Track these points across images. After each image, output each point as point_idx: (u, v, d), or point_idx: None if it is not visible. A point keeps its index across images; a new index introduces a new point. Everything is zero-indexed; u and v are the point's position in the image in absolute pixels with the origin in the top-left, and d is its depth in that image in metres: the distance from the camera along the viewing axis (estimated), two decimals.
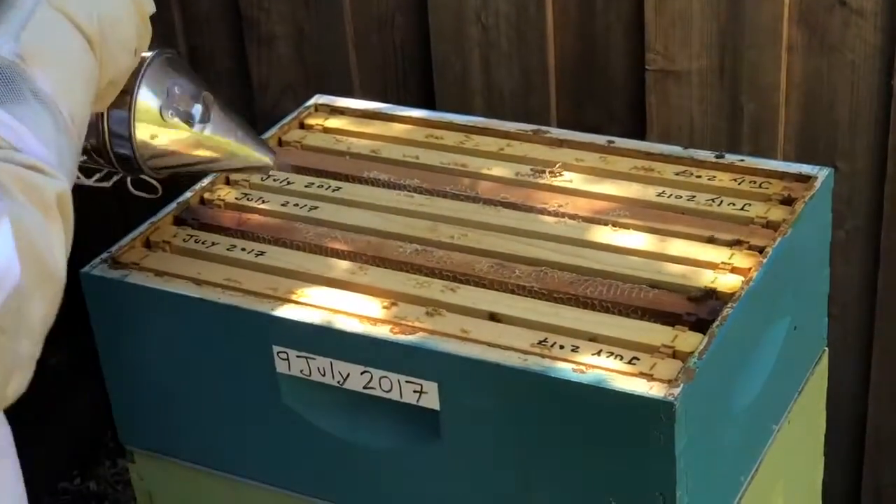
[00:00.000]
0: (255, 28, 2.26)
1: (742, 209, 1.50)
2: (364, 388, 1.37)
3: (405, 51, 2.18)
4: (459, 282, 1.42)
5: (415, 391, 1.34)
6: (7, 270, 0.93)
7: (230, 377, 1.46)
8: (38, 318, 0.97)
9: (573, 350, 1.30)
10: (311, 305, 1.40)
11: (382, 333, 1.35)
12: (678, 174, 1.58)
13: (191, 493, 1.57)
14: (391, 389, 1.36)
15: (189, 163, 1.35)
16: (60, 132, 1.04)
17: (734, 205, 1.51)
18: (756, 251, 1.43)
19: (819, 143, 1.96)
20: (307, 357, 1.39)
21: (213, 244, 1.52)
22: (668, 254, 1.44)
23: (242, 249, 1.50)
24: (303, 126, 1.76)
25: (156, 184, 1.41)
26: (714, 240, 1.45)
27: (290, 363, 1.40)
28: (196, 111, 1.32)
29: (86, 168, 1.36)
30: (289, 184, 1.62)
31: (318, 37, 2.23)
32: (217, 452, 1.52)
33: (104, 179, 1.38)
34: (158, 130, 1.31)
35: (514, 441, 1.32)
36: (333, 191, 1.60)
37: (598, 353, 1.29)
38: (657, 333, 1.32)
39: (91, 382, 2.52)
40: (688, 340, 1.30)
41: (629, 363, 1.28)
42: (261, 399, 1.44)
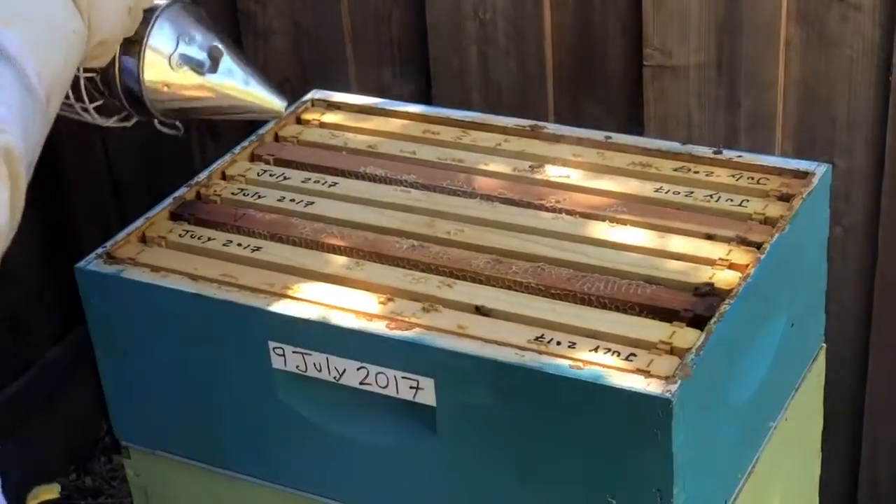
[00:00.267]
0: (252, 22, 2.26)
1: (740, 205, 1.50)
2: (360, 384, 1.37)
3: (402, 45, 2.18)
4: (456, 278, 1.42)
5: (411, 387, 1.34)
6: None
7: (226, 373, 1.45)
8: None
9: (570, 346, 1.30)
10: (308, 301, 1.39)
11: (379, 329, 1.35)
12: (676, 170, 1.57)
13: (186, 489, 1.57)
14: (387, 385, 1.35)
15: (200, 108, 1.38)
16: (22, 90, 1.04)
17: (732, 201, 1.51)
18: (754, 247, 1.42)
19: (817, 140, 1.96)
20: (303, 353, 1.38)
21: (209, 239, 1.51)
22: (666, 250, 1.43)
23: (238, 245, 1.50)
24: (299, 121, 1.75)
25: (178, 124, 1.43)
26: (712, 236, 1.45)
27: (286, 359, 1.40)
28: (206, 60, 1.33)
29: (107, 109, 1.38)
30: (285, 179, 1.62)
31: (315, 31, 2.22)
32: (213, 448, 1.52)
33: (125, 120, 1.40)
34: (168, 78, 1.33)
35: (511, 437, 1.32)
36: (330, 186, 1.60)
37: (596, 350, 1.29)
38: (655, 330, 1.31)
39: (86, 378, 2.52)
40: (685, 337, 1.30)
41: (626, 359, 1.27)
42: (256, 395, 1.44)
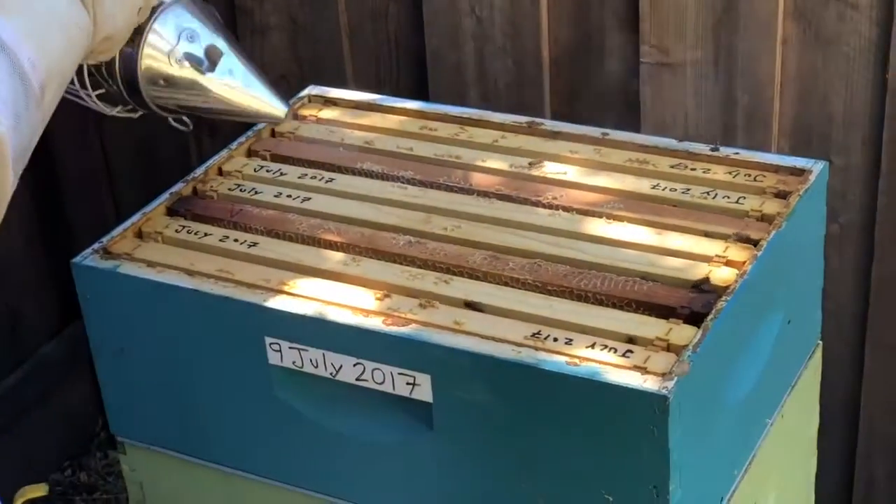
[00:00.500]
0: (249, 18, 2.25)
1: (737, 202, 1.50)
2: (357, 380, 1.37)
3: (399, 42, 2.18)
4: (453, 274, 1.42)
5: (408, 383, 1.34)
6: None
7: (222, 368, 1.45)
8: None
9: (567, 343, 1.30)
10: (304, 297, 1.39)
11: (375, 325, 1.34)
12: (673, 167, 1.57)
13: (182, 485, 1.57)
14: (384, 381, 1.35)
15: (199, 107, 1.37)
16: (15, 78, 1.05)
17: (729, 198, 1.51)
18: (751, 245, 1.42)
19: (813, 137, 1.96)
20: (299, 349, 1.38)
21: (206, 235, 1.51)
22: (663, 246, 1.43)
23: (235, 240, 1.50)
24: (296, 117, 1.75)
25: (186, 119, 1.43)
26: (709, 233, 1.45)
27: (283, 355, 1.39)
28: (206, 59, 1.33)
29: (114, 98, 1.37)
30: (282, 175, 1.62)
31: (312, 27, 2.22)
32: (208, 444, 1.52)
33: (132, 111, 1.40)
34: (167, 73, 1.33)
35: (508, 434, 1.32)
36: (327, 182, 1.60)
37: (592, 346, 1.29)
38: (651, 326, 1.31)
39: (82, 373, 2.52)
40: (682, 333, 1.30)
41: (623, 356, 1.27)
42: (253, 390, 1.44)
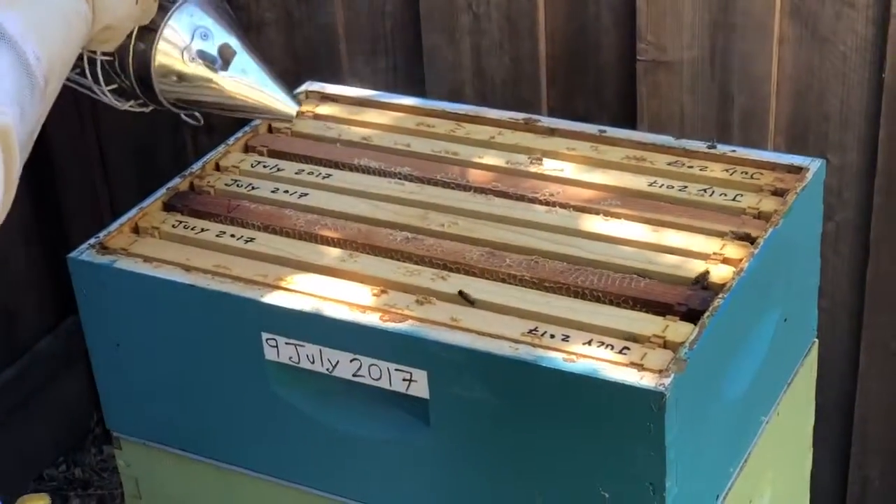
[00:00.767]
0: (245, 14, 2.25)
1: (734, 200, 1.50)
2: (353, 376, 1.37)
3: (396, 38, 2.18)
4: (450, 270, 1.42)
5: (404, 379, 1.34)
6: None
7: (218, 364, 1.45)
8: None
9: (564, 339, 1.30)
10: (301, 292, 1.39)
11: (372, 321, 1.34)
12: (670, 164, 1.57)
13: (177, 480, 1.57)
14: (380, 377, 1.35)
15: (212, 104, 1.37)
16: (20, 71, 1.06)
17: (726, 195, 1.51)
18: (748, 242, 1.42)
19: (809, 135, 1.96)
20: (296, 344, 1.38)
21: (203, 230, 1.51)
22: (660, 244, 1.44)
23: (232, 236, 1.50)
24: None
25: (197, 115, 1.43)
26: (706, 230, 1.45)
27: (279, 350, 1.39)
28: (219, 57, 1.33)
29: (125, 93, 1.38)
30: (279, 170, 1.62)
31: (309, 23, 2.22)
32: (204, 439, 1.52)
33: (143, 106, 1.40)
34: (180, 70, 1.33)
35: (504, 430, 1.32)
36: (324, 178, 1.60)
37: (589, 343, 1.29)
38: (648, 323, 1.31)
39: (77, 368, 2.52)
40: (679, 330, 1.30)
41: (620, 353, 1.28)
42: (249, 386, 1.44)
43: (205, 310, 1.42)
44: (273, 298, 1.39)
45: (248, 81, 1.36)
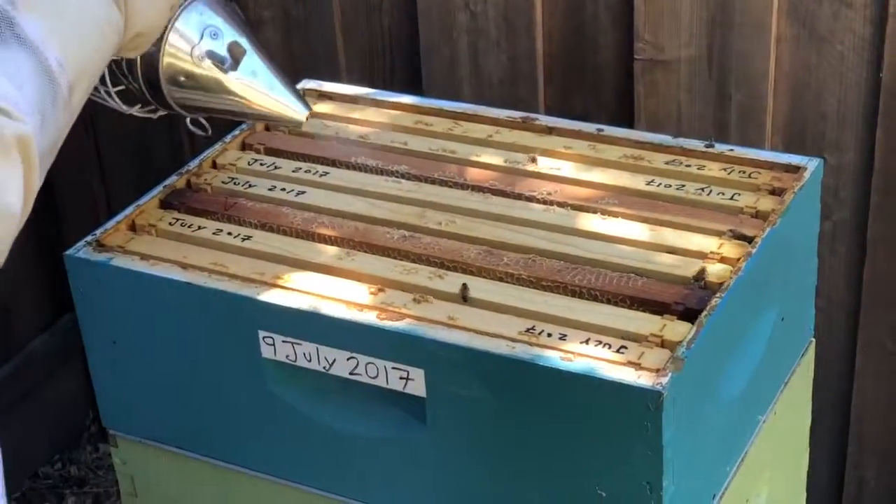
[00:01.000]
0: (243, 12, 2.24)
1: (731, 199, 1.50)
2: (350, 375, 1.37)
3: (393, 36, 2.17)
4: (447, 269, 1.42)
5: (401, 378, 1.34)
6: None
7: (215, 362, 1.45)
8: None
9: (561, 338, 1.30)
10: (298, 290, 1.39)
11: (369, 319, 1.34)
12: (668, 163, 1.57)
13: (173, 478, 1.57)
14: (377, 376, 1.35)
15: (219, 107, 1.35)
16: (42, 78, 1.04)
17: (723, 194, 1.51)
18: (745, 241, 1.42)
19: (806, 135, 1.96)
20: (293, 342, 1.38)
21: (200, 228, 1.51)
22: (658, 243, 1.43)
23: (229, 234, 1.49)
24: None
25: (205, 123, 1.42)
26: (703, 229, 1.45)
27: (276, 348, 1.39)
28: (229, 56, 1.32)
29: (132, 98, 1.36)
30: (276, 168, 1.61)
31: (306, 21, 2.21)
32: (201, 437, 1.51)
33: (151, 112, 1.39)
34: (188, 72, 1.32)
35: (501, 429, 1.32)
36: (321, 176, 1.59)
37: (587, 342, 1.29)
38: (645, 322, 1.31)
39: (73, 366, 2.52)
40: (676, 330, 1.30)
41: (617, 352, 1.27)
42: (246, 384, 1.43)
43: (201, 308, 1.42)
44: (270, 296, 1.39)
45: (258, 85, 1.34)
